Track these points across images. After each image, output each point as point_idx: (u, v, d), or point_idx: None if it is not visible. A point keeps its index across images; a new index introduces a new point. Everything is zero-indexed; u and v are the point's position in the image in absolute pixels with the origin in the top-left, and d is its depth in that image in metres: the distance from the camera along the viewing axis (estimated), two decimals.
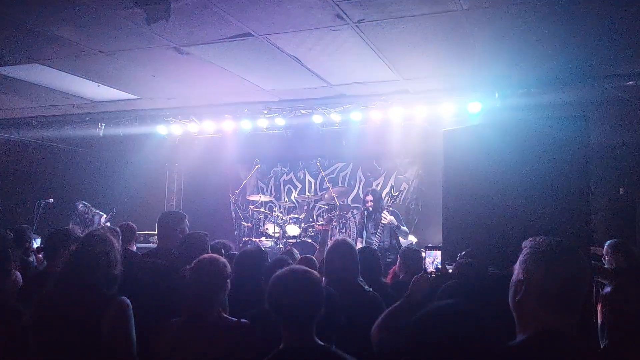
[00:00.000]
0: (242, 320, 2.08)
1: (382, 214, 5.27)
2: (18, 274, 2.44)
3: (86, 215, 6.28)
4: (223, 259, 2.19)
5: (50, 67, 4.81)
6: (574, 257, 1.33)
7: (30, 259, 4.06)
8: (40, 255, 3.94)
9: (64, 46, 4.20)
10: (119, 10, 3.44)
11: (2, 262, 2.31)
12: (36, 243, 4.70)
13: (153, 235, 6.88)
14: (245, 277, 2.65)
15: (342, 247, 2.67)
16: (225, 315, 2.11)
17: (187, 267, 2.22)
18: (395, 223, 5.28)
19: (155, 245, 4.08)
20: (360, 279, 2.61)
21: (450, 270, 2.91)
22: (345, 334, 1.95)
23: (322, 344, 1.67)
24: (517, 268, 1.38)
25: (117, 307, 2.01)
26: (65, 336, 1.97)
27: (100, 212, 6.41)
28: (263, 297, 1.75)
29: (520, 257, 1.38)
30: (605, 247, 3.93)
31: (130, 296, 2.09)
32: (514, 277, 1.38)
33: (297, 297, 1.64)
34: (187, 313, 2.07)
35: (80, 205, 6.34)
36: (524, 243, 1.40)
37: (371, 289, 2.60)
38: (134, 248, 4.18)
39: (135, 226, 4.25)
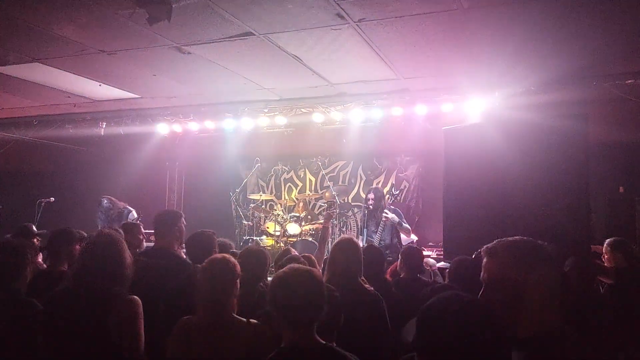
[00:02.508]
0: (252, 320, 2.08)
1: (384, 212, 5.29)
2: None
3: (112, 212, 6.20)
4: (233, 259, 2.19)
5: (52, 66, 4.82)
6: (544, 249, 1.36)
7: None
8: (40, 257, 3.91)
9: (65, 46, 4.21)
10: (121, 10, 3.45)
11: (18, 258, 2.35)
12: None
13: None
14: (248, 275, 2.66)
15: (347, 246, 2.68)
16: (236, 315, 2.11)
17: (199, 266, 2.22)
18: (397, 220, 5.30)
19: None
20: (362, 277, 2.63)
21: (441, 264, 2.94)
22: (346, 332, 1.97)
23: (324, 342, 1.68)
24: (503, 269, 1.35)
25: (126, 305, 2.02)
26: (74, 334, 1.99)
27: (130, 207, 6.33)
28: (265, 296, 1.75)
29: (509, 257, 1.35)
30: (605, 245, 3.94)
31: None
32: (504, 277, 1.34)
33: (300, 296, 1.65)
34: (202, 312, 2.06)
35: (105, 201, 6.24)
36: (482, 250, 1.40)
37: (372, 288, 2.61)
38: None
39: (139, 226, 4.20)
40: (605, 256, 3.92)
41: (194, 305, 2.08)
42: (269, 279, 2.62)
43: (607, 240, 3.95)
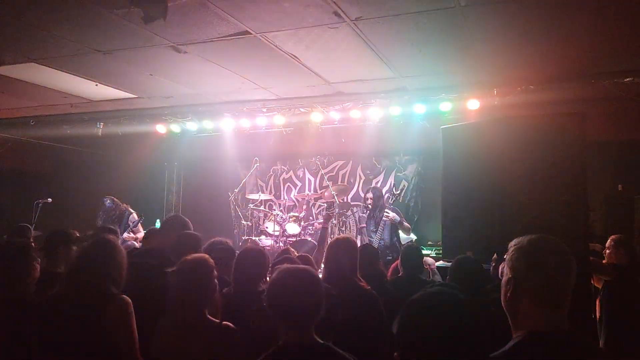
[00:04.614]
0: (224, 322, 2.07)
1: (384, 212, 5.29)
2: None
3: (113, 212, 6.20)
4: (209, 259, 2.16)
5: (48, 66, 4.80)
6: (557, 249, 1.33)
7: None
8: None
9: (61, 45, 4.19)
10: (116, 9, 3.43)
11: (24, 258, 2.34)
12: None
13: None
14: (246, 274, 2.66)
15: (342, 245, 2.68)
16: (210, 318, 2.08)
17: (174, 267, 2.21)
18: (399, 219, 5.31)
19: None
20: (359, 276, 2.62)
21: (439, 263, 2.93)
22: (343, 331, 1.96)
23: (321, 342, 1.66)
24: (504, 268, 1.39)
25: (118, 305, 2.03)
26: (70, 336, 1.99)
27: (131, 209, 6.35)
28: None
29: (507, 257, 1.39)
30: (609, 240, 3.94)
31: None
32: (503, 278, 1.38)
33: (297, 297, 1.63)
34: (172, 315, 2.05)
35: (108, 201, 6.23)
36: (510, 243, 1.40)
37: (369, 287, 2.61)
38: None
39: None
40: (607, 251, 3.92)
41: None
42: None
43: (612, 237, 3.96)
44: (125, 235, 5.84)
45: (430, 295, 1.19)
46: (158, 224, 6.11)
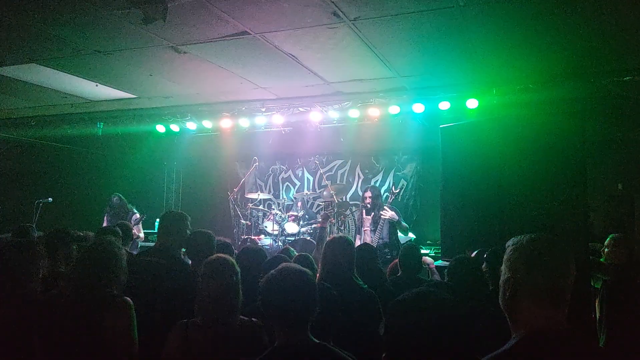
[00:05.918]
0: (253, 319, 2.07)
1: (383, 210, 5.27)
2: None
3: (120, 209, 6.27)
4: (232, 258, 2.18)
5: (48, 66, 4.81)
6: (556, 248, 1.33)
7: None
8: None
9: (61, 46, 4.20)
10: (116, 10, 3.43)
11: (28, 257, 2.35)
12: None
13: (153, 233, 6.89)
14: (246, 274, 2.66)
15: (337, 244, 2.69)
16: (241, 316, 2.09)
17: (200, 266, 2.19)
18: (397, 218, 5.29)
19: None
20: (355, 275, 2.63)
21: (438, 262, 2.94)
22: (340, 331, 1.97)
23: (318, 341, 1.66)
24: (503, 268, 1.38)
25: (119, 307, 2.03)
26: (69, 336, 2.00)
27: (135, 210, 6.41)
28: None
29: (505, 256, 1.38)
30: (609, 239, 3.94)
31: (130, 296, 2.11)
32: (502, 277, 1.37)
33: (290, 297, 1.62)
34: (205, 314, 2.02)
35: (115, 198, 6.33)
36: (507, 243, 1.40)
37: (366, 286, 2.61)
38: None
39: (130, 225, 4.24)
40: (606, 249, 3.92)
41: (192, 306, 2.06)
42: None
43: (613, 235, 3.96)
44: None
45: (415, 295, 1.20)
46: (157, 224, 6.15)
